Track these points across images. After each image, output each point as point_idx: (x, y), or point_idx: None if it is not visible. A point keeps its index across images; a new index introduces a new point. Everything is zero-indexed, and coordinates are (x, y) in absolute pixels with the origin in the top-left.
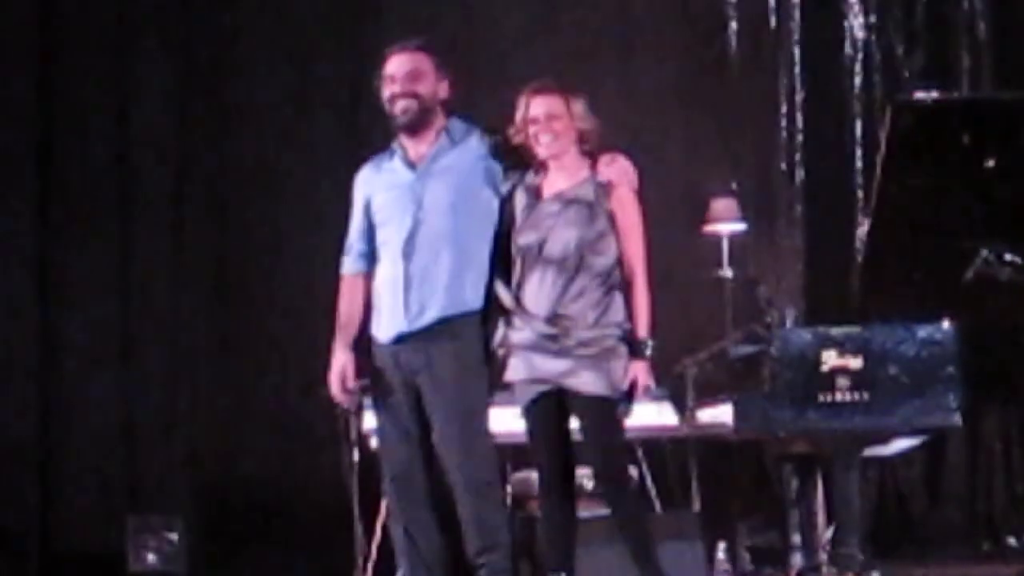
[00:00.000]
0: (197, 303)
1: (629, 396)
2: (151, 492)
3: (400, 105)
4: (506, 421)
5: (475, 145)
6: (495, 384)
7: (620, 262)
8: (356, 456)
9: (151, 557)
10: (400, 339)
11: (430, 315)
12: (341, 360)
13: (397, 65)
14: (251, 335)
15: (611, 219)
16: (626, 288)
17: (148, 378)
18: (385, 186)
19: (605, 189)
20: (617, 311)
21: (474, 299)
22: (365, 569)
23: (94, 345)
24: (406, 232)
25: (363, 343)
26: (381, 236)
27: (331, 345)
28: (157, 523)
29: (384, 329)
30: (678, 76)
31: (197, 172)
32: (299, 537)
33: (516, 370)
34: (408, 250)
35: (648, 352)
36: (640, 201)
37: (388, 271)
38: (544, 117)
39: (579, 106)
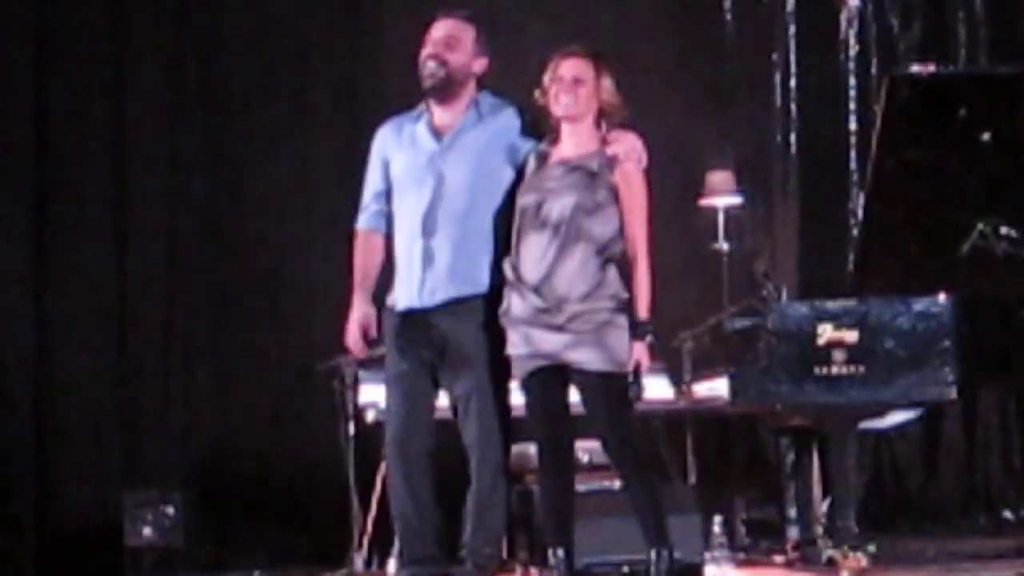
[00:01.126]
0: (192, 280)
1: (635, 378)
2: (148, 467)
3: (428, 68)
4: None
5: (501, 122)
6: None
7: (620, 237)
8: (352, 430)
9: (148, 531)
10: (413, 313)
11: (444, 294)
12: (363, 310)
13: (437, 29)
14: (247, 309)
15: (614, 193)
16: (627, 265)
17: (144, 353)
18: (406, 151)
19: (611, 163)
20: (612, 284)
21: (489, 279)
22: (361, 542)
23: (90, 321)
24: (424, 207)
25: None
26: (397, 203)
27: (333, 316)
28: (154, 498)
29: (399, 301)
30: (674, 49)
31: (194, 150)
32: (296, 511)
33: (515, 344)
34: (426, 227)
35: (649, 333)
36: (647, 180)
37: (405, 243)
38: (570, 79)
39: (608, 79)
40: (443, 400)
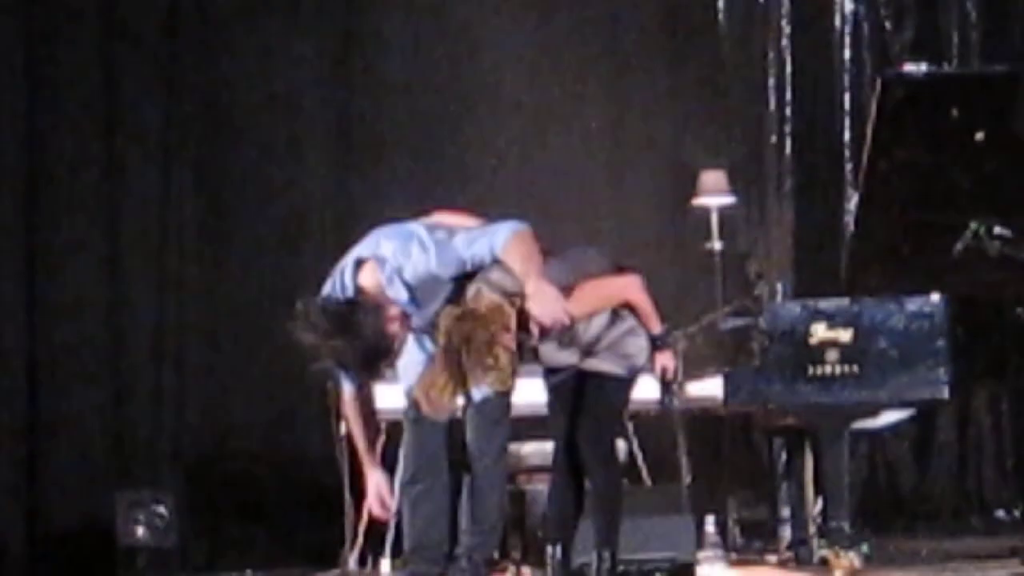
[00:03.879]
0: (185, 278)
1: (666, 388)
2: (140, 467)
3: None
4: None
5: (426, 285)
6: None
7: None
8: (345, 430)
9: (141, 532)
10: None
11: None
12: (375, 479)
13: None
14: (240, 309)
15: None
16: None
17: (136, 353)
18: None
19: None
20: (622, 312)
21: None
22: (354, 542)
23: (81, 320)
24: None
25: None
26: None
27: None
28: (147, 498)
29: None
30: (668, 50)
31: (185, 136)
32: (289, 510)
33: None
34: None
35: (669, 340)
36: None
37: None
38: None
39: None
40: None
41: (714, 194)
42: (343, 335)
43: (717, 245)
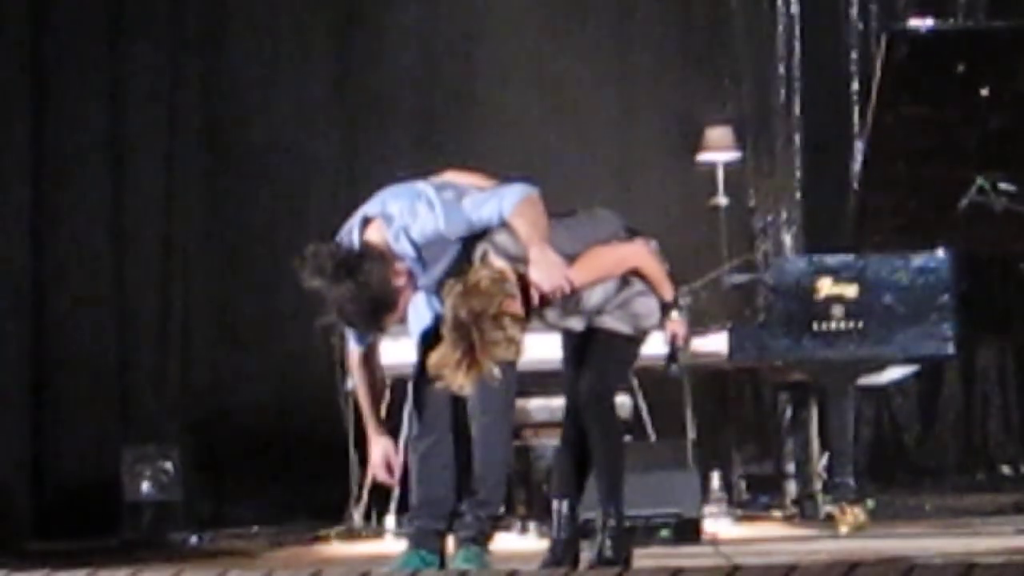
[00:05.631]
0: (191, 237)
1: (672, 355)
2: (146, 422)
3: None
4: None
5: (434, 246)
6: None
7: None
8: (351, 385)
9: (146, 487)
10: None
11: None
12: (381, 446)
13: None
14: (246, 263)
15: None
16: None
17: (141, 309)
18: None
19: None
20: (631, 278)
21: None
22: (360, 497)
23: (87, 276)
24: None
25: None
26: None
27: None
28: (152, 453)
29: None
30: (675, 4)
31: (190, 95)
32: (295, 466)
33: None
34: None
35: (681, 306)
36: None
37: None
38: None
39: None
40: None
41: (720, 150)
42: (349, 281)
43: (723, 201)
